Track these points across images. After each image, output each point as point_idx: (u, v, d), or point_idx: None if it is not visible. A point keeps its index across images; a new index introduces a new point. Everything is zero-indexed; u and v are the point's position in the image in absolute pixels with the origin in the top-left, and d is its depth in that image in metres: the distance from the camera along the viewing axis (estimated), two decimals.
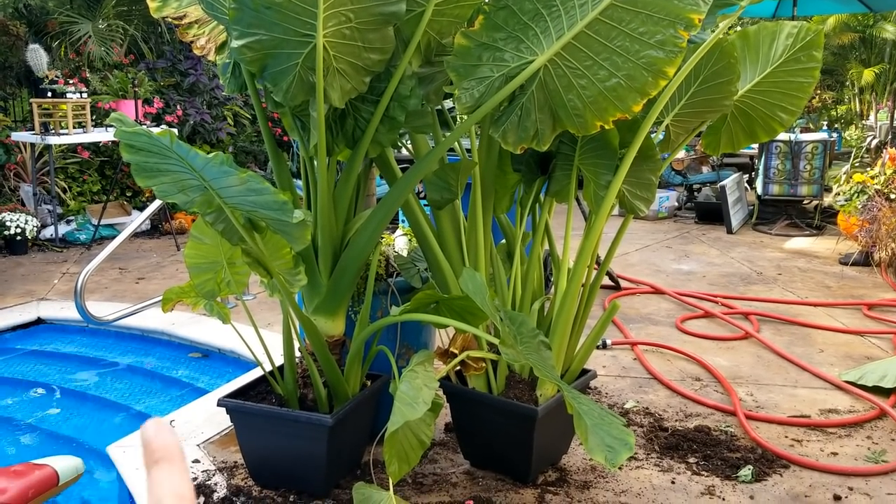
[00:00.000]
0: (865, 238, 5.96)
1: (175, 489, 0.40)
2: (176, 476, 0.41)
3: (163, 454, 0.42)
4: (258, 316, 3.48)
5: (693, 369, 3.91)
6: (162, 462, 0.41)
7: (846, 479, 2.83)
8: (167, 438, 0.42)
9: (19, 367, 4.33)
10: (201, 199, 2.13)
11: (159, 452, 0.42)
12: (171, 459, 0.42)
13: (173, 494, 0.40)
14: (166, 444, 0.42)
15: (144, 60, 8.13)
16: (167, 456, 0.42)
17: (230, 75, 2.67)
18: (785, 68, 2.80)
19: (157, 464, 0.41)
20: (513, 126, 2.38)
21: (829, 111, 13.38)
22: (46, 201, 7.11)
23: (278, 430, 2.62)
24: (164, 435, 0.43)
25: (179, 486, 0.41)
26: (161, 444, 0.42)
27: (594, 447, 2.00)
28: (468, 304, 2.45)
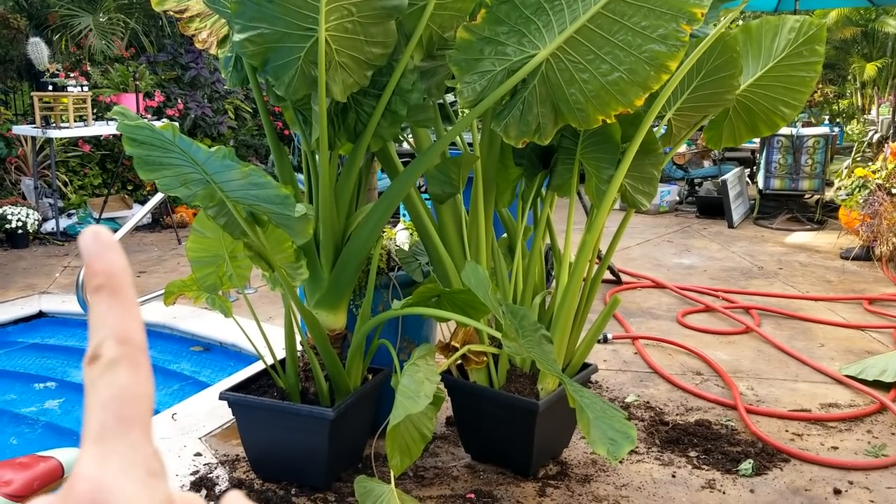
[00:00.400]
0: (866, 233, 5.96)
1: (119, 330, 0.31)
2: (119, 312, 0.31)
3: (105, 280, 0.32)
4: (259, 310, 3.49)
5: (694, 363, 3.92)
6: (103, 291, 0.32)
7: (846, 473, 2.84)
8: (111, 260, 0.32)
9: (21, 360, 4.34)
10: (203, 192, 2.13)
11: (101, 277, 0.32)
12: (116, 289, 0.32)
13: (116, 337, 0.31)
14: (110, 266, 0.32)
15: (145, 54, 8.12)
16: (109, 284, 0.32)
17: (232, 69, 2.67)
18: (787, 62, 2.80)
19: (97, 293, 0.32)
20: (514, 120, 2.38)
21: (830, 105, 13.36)
22: (47, 195, 7.11)
23: (280, 423, 2.63)
24: (108, 255, 0.32)
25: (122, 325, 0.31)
26: (103, 266, 0.32)
27: (596, 440, 2.01)
28: (470, 297, 2.45)
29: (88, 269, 0.32)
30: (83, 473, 0.29)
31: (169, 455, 2.86)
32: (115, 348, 0.31)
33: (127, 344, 0.31)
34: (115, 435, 0.30)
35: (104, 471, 0.29)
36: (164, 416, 3.21)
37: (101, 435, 0.30)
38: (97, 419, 0.30)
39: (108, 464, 0.29)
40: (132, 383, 0.31)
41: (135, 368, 0.31)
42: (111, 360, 0.31)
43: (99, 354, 0.31)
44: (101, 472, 0.29)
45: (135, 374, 0.31)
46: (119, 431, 0.30)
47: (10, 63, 7.70)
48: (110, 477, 0.29)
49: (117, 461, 0.30)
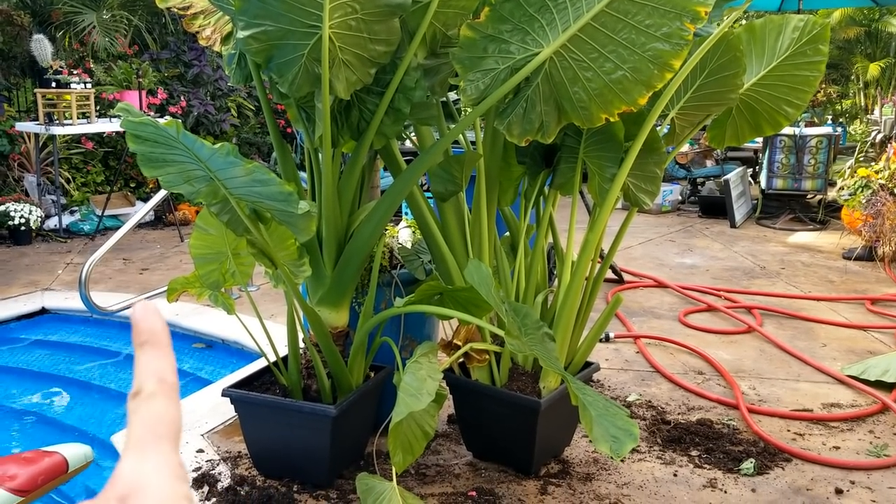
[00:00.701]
0: (869, 233, 5.95)
1: (157, 373, 0.41)
2: (159, 360, 0.42)
3: (148, 338, 0.42)
4: (262, 307, 3.49)
5: (696, 363, 3.92)
6: (146, 346, 0.42)
7: (848, 472, 2.84)
8: (154, 322, 0.43)
9: (24, 356, 4.35)
10: (207, 189, 2.14)
11: (145, 335, 0.42)
12: (156, 344, 0.42)
13: (155, 378, 0.41)
14: (153, 328, 0.43)
15: (148, 51, 8.13)
16: (152, 340, 0.42)
17: (235, 66, 2.68)
18: (791, 62, 2.79)
19: (141, 347, 0.42)
20: (518, 118, 2.38)
21: (833, 105, 13.34)
22: (50, 191, 7.12)
23: (282, 420, 2.63)
24: (152, 319, 0.43)
25: (161, 369, 0.41)
26: (147, 327, 0.42)
27: (599, 438, 2.01)
28: (472, 295, 2.45)
29: (136, 330, 0.43)
30: (123, 470, 0.38)
31: None
32: (154, 385, 0.41)
33: (164, 383, 0.41)
34: (149, 445, 0.39)
35: (140, 469, 0.38)
36: None
37: (139, 445, 0.39)
38: (136, 433, 0.39)
39: (144, 465, 0.38)
40: (165, 410, 0.40)
41: (168, 400, 0.41)
42: (150, 393, 0.41)
43: (141, 390, 0.41)
44: (138, 470, 0.38)
45: (167, 404, 0.41)
46: (153, 443, 0.39)
47: (14, 60, 7.70)
48: (144, 473, 0.38)
49: (151, 464, 0.38)
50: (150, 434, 0.39)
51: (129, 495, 0.37)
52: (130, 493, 0.37)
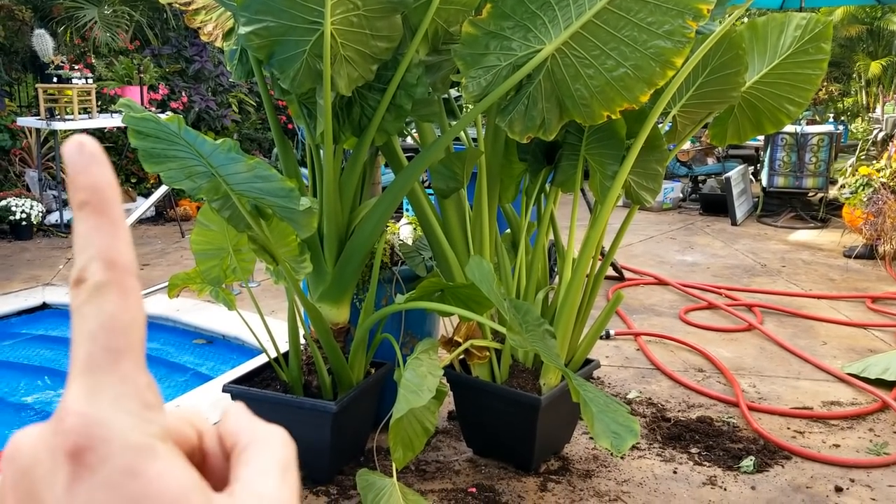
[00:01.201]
0: (870, 231, 5.95)
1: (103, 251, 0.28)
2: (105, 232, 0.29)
3: (88, 196, 0.29)
4: (263, 303, 3.50)
5: (696, 360, 3.92)
6: (88, 209, 0.29)
7: (848, 470, 2.84)
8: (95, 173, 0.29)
9: (25, 351, 4.35)
10: (208, 185, 2.14)
11: (84, 193, 0.29)
12: (102, 207, 0.29)
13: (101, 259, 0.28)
14: (95, 182, 0.29)
15: (150, 46, 8.12)
16: (94, 200, 0.29)
17: (237, 62, 2.67)
18: (793, 60, 2.79)
19: (82, 210, 0.29)
20: (519, 115, 2.38)
21: (835, 103, 13.33)
22: (52, 187, 7.12)
23: (282, 416, 2.63)
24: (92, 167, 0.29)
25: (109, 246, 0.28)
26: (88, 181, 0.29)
27: (600, 433, 2.01)
28: (473, 292, 2.45)
29: (71, 182, 0.29)
30: (72, 407, 0.27)
31: None
32: (102, 272, 0.28)
33: (114, 268, 0.28)
34: (104, 367, 0.28)
35: (95, 404, 0.27)
36: (167, 408, 3.21)
37: (90, 367, 0.28)
38: (85, 350, 0.28)
39: (99, 397, 0.27)
40: (121, 311, 0.28)
41: (123, 294, 0.29)
42: (97, 284, 0.28)
43: (84, 278, 0.28)
44: (92, 406, 0.27)
45: (123, 300, 0.28)
46: (109, 363, 0.28)
47: (15, 55, 7.70)
48: (101, 411, 0.27)
49: (108, 394, 0.27)
50: (103, 349, 0.28)
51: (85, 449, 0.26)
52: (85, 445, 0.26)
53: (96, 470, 0.26)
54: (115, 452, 0.26)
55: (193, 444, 0.31)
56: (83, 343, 0.28)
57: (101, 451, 0.26)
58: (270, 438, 0.32)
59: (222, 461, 0.32)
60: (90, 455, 0.26)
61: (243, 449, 0.31)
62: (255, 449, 0.31)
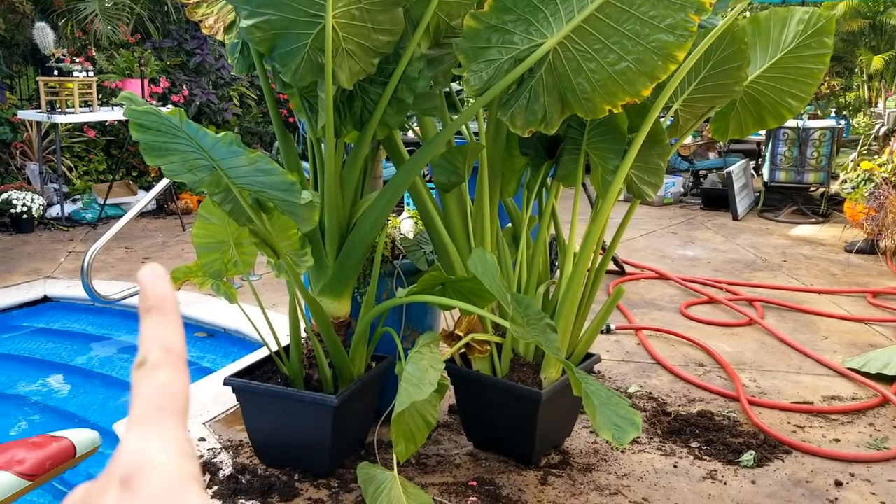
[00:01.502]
0: (871, 226, 5.95)
1: (163, 341, 0.39)
2: (165, 328, 0.39)
3: (155, 303, 0.39)
4: (264, 297, 3.50)
5: (697, 355, 3.92)
6: (153, 312, 0.39)
7: (848, 465, 2.84)
8: (161, 287, 0.40)
9: (26, 344, 4.36)
10: (210, 178, 2.14)
11: (151, 300, 0.40)
12: (163, 310, 0.39)
13: (161, 347, 0.38)
14: (160, 292, 0.40)
15: (151, 40, 8.11)
16: (159, 306, 0.39)
17: (238, 55, 2.67)
18: (795, 54, 2.78)
19: (147, 313, 0.39)
20: (521, 109, 2.38)
21: (837, 98, 13.31)
22: (52, 180, 7.12)
23: (283, 409, 2.64)
24: (159, 283, 0.40)
25: (168, 338, 0.39)
26: (154, 292, 0.40)
27: (602, 426, 2.02)
28: (474, 286, 2.45)
29: (143, 294, 0.40)
30: (127, 447, 0.35)
31: None
32: (160, 355, 0.38)
33: (170, 352, 0.38)
34: (154, 420, 0.36)
35: (145, 445, 0.35)
36: None
37: (143, 420, 0.36)
38: (140, 408, 0.37)
39: (148, 441, 0.35)
40: (172, 382, 0.37)
41: (175, 370, 0.38)
42: (155, 363, 0.38)
43: (145, 360, 0.38)
44: (142, 446, 0.35)
45: (174, 374, 0.38)
46: (158, 418, 0.36)
47: (16, 48, 7.69)
48: (149, 449, 0.35)
49: (156, 439, 0.35)
50: (155, 408, 0.37)
51: (133, 475, 0.34)
52: (133, 473, 0.34)
53: (141, 490, 0.34)
54: (157, 478, 0.34)
55: None
56: (139, 402, 0.37)
57: (145, 476, 0.34)
58: None
59: None
60: (136, 480, 0.34)
61: None
62: None
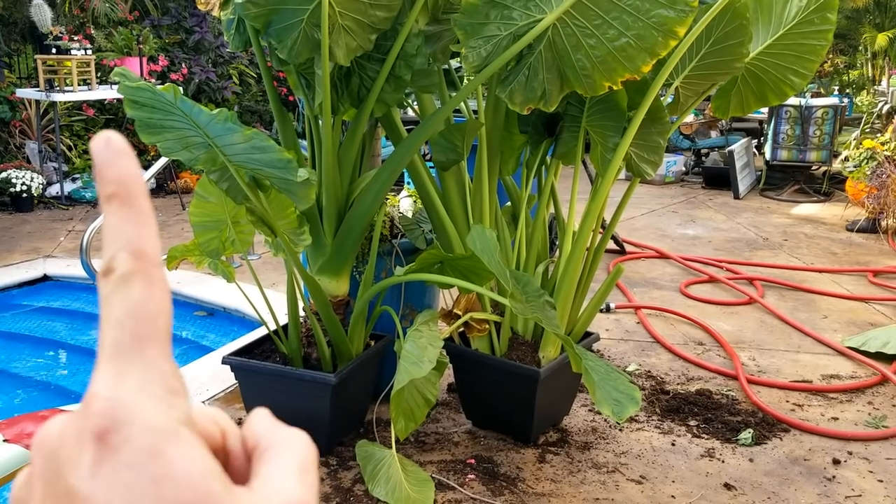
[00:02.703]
0: (873, 204, 5.92)
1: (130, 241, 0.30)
2: (132, 224, 0.30)
3: (116, 189, 0.30)
4: (263, 276, 3.50)
5: (696, 334, 3.92)
6: (115, 200, 0.30)
7: (846, 443, 2.85)
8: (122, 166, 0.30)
9: (26, 322, 4.36)
10: (206, 156, 2.12)
11: (112, 185, 0.30)
12: (128, 199, 0.30)
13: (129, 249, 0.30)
14: (121, 175, 0.30)
15: (149, 17, 8.05)
16: (121, 193, 0.30)
17: (234, 32, 2.64)
18: (798, 30, 2.75)
19: (109, 202, 0.30)
20: (520, 86, 2.35)
21: (840, 76, 13.21)
22: (52, 159, 7.10)
23: (282, 388, 2.64)
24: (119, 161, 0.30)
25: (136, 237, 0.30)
26: (115, 175, 0.30)
27: (601, 401, 2.02)
28: (473, 263, 2.44)
29: (99, 176, 0.30)
30: (99, 392, 0.28)
31: None
32: (129, 262, 0.30)
33: (141, 258, 0.30)
34: (130, 353, 0.29)
35: (120, 389, 0.28)
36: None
37: (117, 353, 0.29)
38: (111, 337, 0.29)
39: (124, 382, 0.28)
40: (147, 299, 0.30)
41: (150, 283, 0.30)
42: (124, 274, 0.30)
43: (112, 268, 0.30)
44: (118, 391, 0.28)
45: (149, 289, 0.30)
46: (134, 349, 0.29)
47: (14, 26, 7.64)
48: (126, 395, 0.28)
49: (134, 379, 0.29)
50: (129, 336, 0.29)
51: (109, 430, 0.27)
52: (111, 425, 0.27)
53: (120, 450, 0.27)
54: (138, 434, 0.27)
55: (217, 441, 0.32)
56: (110, 330, 0.29)
57: (125, 432, 0.27)
58: (292, 441, 0.32)
59: (244, 462, 0.32)
60: (114, 436, 0.27)
61: (265, 449, 0.32)
62: (277, 450, 0.32)
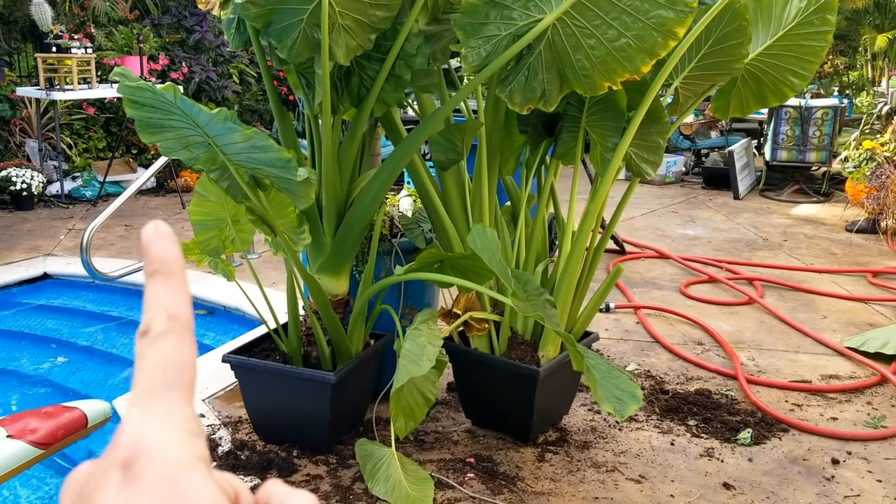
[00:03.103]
0: (872, 205, 5.93)
1: (168, 308, 0.35)
2: (171, 293, 0.35)
3: (159, 266, 0.36)
4: (264, 275, 3.50)
5: (696, 333, 3.92)
6: (157, 275, 0.36)
7: (845, 443, 2.85)
8: (166, 249, 0.36)
9: (26, 321, 4.37)
10: (205, 155, 2.12)
11: (156, 263, 0.36)
12: (169, 273, 0.36)
13: (166, 314, 0.35)
14: (164, 255, 0.36)
15: (150, 16, 8.05)
16: (163, 269, 0.36)
17: (234, 31, 2.65)
18: (798, 31, 2.75)
19: (152, 277, 0.36)
20: (519, 86, 2.36)
21: (840, 77, 13.21)
22: (52, 157, 7.10)
23: (282, 386, 2.65)
24: (164, 244, 0.36)
25: (173, 304, 0.35)
26: (159, 254, 0.36)
27: (603, 398, 2.02)
28: (472, 263, 2.45)
29: (146, 255, 0.36)
30: (128, 428, 0.32)
31: None
32: (164, 323, 0.35)
33: (175, 320, 0.35)
34: (158, 396, 0.33)
35: (146, 425, 0.32)
36: None
37: (146, 396, 0.33)
38: (143, 383, 0.34)
39: (151, 420, 0.32)
40: (177, 353, 0.34)
41: (180, 341, 0.35)
42: (159, 333, 0.34)
43: (149, 329, 0.35)
44: (143, 426, 0.32)
45: (180, 345, 0.34)
46: (162, 394, 0.33)
47: (14, 24, 7.64)
48: (151, 429, 0.32)
49: (159, 418, 0.33)
50: (159, 382, 0.33)
51: (134, 459, 0.31)
52: (135, 456, 0.31)
53: (141, 476, 0.31)
54: (158, 462, 0.31)
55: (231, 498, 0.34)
56: (142, 377, 0.34)
57: (146, 460, 0.31)
58: (302, 496, 0.35)
59: None
60: (137, 464, 0.31)
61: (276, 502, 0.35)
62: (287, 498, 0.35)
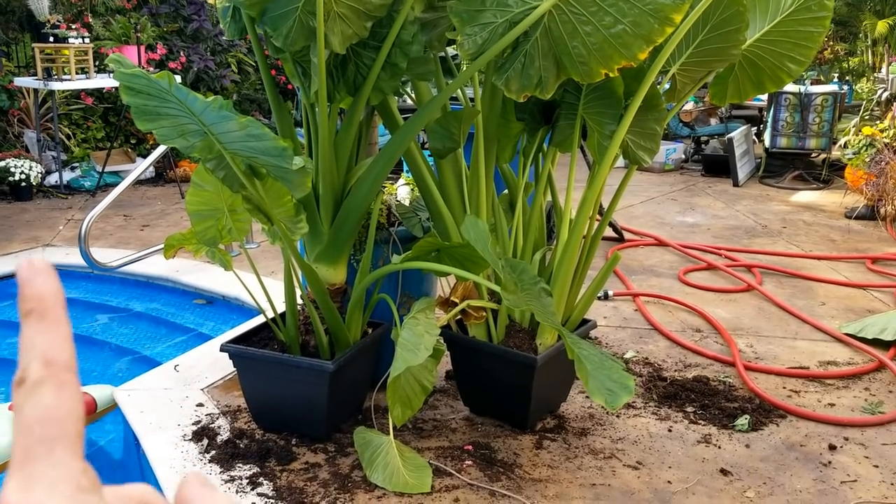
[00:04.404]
0: (872, 192, 5.92)
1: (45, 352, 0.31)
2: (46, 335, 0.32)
3: (34, 305, 0.32)
4: (262, 264, 3.50)
5: (694, 321, 3.93)
6: (32, 316, 0.32)
7: (842, 429, 2.86)
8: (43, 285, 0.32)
9: None
10: (202, 144, 2.12)
11: (31, 302, 0.32)
12: (44, 313, 0.32)
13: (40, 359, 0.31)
14: (38, 292, 0.32)
15: (147, 5, 8.02)
16: (38, 308, 0.32)
17: (230, 19, 2.64)
18: (795, 17, 2.74)
19: (27, 318, 0.32)
20: (516, 74, 2.35)
21: (840, 63, 13.17)
22: (50, 147, 7.09)
23: (280, 375, 2.65)
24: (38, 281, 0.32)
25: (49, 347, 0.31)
26: (33, 292, 0.32)
27: (594, 390, 2.03)
28: (469, 251, 2.45)
29: (20, 295, 0.32)
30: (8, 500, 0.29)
31: (171, 406, 2.89)
32: (40, 370, 0.31)
33: (52, 365, 0.31)
34: (39, 457, 0.30)
35: (30, 494, 0.29)
36: (167, 368, 3.24)
37: (26, 459, 0.30)
38: (22, 443, 0.30)
39: (34, 486, 0.29)
40: (56, 404, 0.31)
41: (59, 388, 0.31)
42: (35, 382, 0.31)
43: (25, 378, 0.31)
44: (27, 496, 0.29)
45: (59, 393, 0.31)
46: (43, 453, 0.30)
47: (12, 14, 7.61)
48: (35, 499, 0.29)
49: (41, 484, 0.29)
50: (38, 440, 0.30)
51: None
52: None
53: None
54: None
55: None
56: (20, 437, 0.30)
57: None
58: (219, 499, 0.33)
59: None
60: None
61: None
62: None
